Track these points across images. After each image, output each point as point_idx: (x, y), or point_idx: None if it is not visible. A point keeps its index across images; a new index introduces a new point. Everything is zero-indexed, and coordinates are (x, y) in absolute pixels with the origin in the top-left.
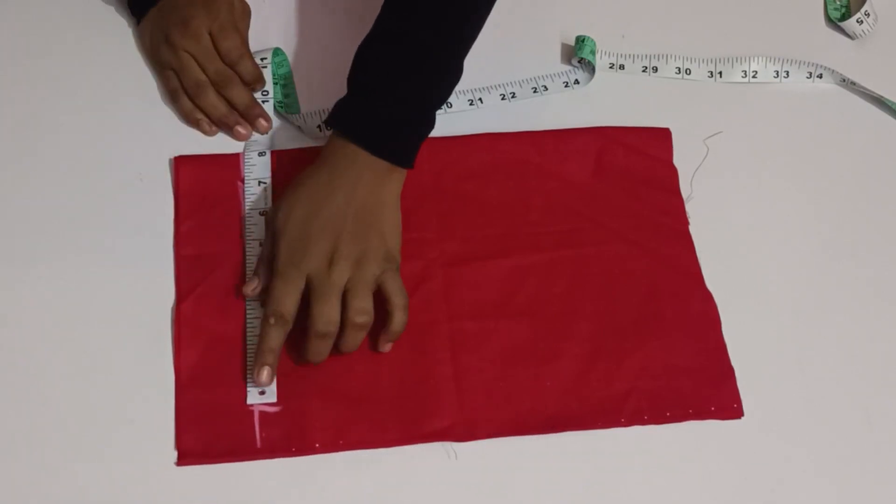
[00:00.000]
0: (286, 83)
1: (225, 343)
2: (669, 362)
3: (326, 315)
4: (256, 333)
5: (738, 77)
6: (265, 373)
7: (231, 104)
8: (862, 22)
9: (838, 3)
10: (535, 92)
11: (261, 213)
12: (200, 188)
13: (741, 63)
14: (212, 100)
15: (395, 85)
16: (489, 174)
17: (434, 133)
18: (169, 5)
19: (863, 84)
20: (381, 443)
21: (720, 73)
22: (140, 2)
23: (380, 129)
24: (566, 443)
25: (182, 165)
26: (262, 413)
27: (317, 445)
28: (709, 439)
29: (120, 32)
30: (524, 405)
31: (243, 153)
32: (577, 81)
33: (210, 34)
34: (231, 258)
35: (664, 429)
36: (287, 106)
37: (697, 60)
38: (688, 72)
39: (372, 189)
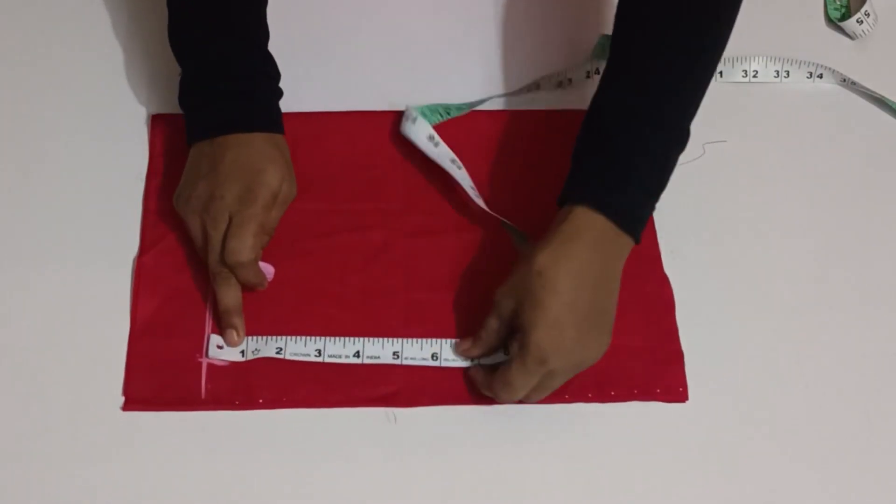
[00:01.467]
0: None
1: (183, 296)
2: (620, 342)
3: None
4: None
5: (738, 76)
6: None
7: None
8: (862, 22)
9: (838, 3)
10: (587, 77)
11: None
12: (174, 146)
13: (742, 63)
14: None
15: (643, 163)
16: (460, 151)
17: None
18: (214, 157)
19: (863, 84)
20: (325, 403)
21: (720, 72)
22: (196, 128)
23: (632, 208)
24: (510, 414)
25: (159, 123)
26: (210, 366)
27: (260, 401)
28: (654, 421)
29: None
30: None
31: None
32: None
33: (230, 218)
34: None
35: (610, 408)
36: None
37: None
38: None
39: (615, 273)
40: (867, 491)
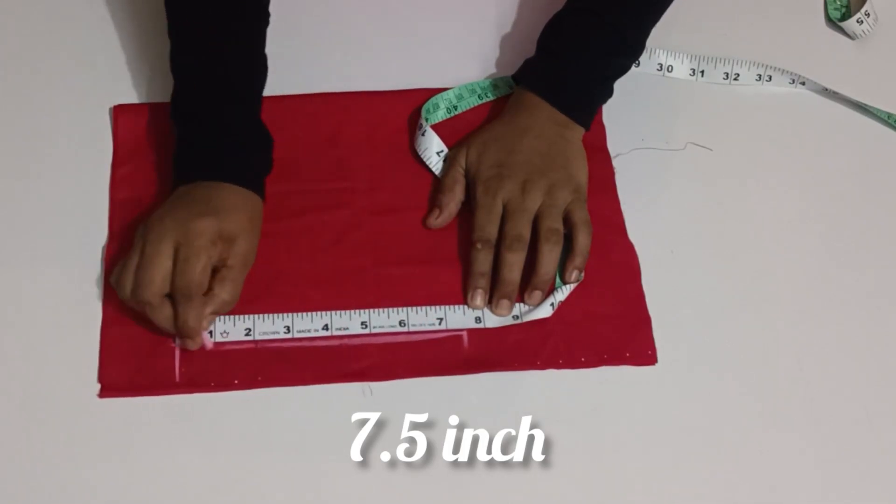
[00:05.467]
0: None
1: None
2: (588, 309)
3: (517, 229)
4: None
5: (719, 78)
6: (479, 296)
7: None
8: (862, 22)
9: (838, 3)
10: None
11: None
12: (138, 136)
13: (723, 64)
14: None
15: (581, 53)
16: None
17: None
18: (189, 203)
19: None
20: (300, 381)
21: (702, 71)
22: (185, 170)
23: (563, 88)
24: (483, 383)
25: (121, 114)
26: (183, 349)
27: (235, 382)
28: (624, 385)
29: None
30: (443, 346)
31: None
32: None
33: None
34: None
35: (582, 372)
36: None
37: (681, 57)
38: (669, 69)
39: (555, 134)
40: (835, 445)
